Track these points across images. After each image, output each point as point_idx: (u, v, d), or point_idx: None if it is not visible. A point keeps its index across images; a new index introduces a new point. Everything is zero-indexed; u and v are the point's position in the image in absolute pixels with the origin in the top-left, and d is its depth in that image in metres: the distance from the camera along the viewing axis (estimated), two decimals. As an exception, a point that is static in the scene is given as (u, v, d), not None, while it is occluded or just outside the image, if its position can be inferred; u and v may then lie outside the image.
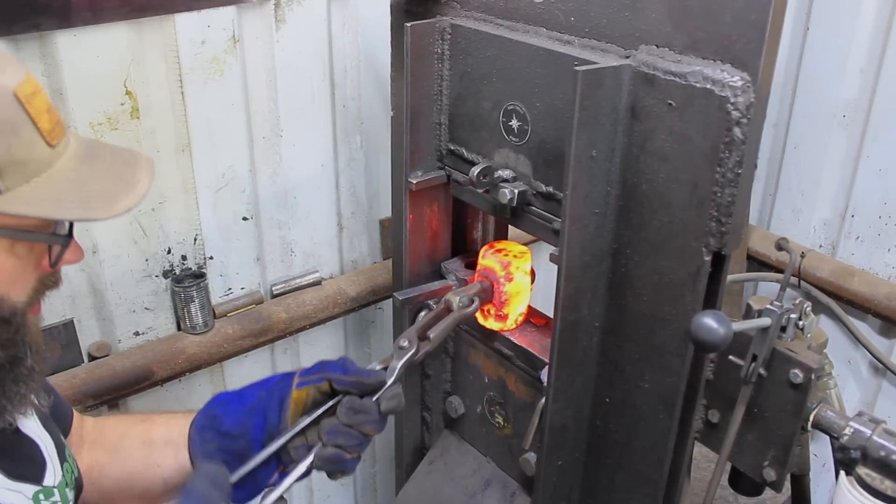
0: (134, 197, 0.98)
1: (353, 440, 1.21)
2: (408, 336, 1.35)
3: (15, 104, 0.91)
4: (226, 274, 2.04)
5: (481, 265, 1.62)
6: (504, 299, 1.59)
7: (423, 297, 1.66)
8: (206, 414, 1.31)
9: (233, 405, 1.30)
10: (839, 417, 1.26)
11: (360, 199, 2.23)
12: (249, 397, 1.30)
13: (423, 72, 1.53)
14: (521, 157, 1.43)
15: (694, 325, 1.11)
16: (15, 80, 0.92)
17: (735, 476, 1.44)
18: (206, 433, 1.29)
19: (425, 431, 1.91)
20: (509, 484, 1.71)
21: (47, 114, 0.95)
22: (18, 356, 1.00)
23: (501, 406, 1.69)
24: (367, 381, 1.24)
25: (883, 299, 2.35)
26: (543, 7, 1.35)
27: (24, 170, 0.91)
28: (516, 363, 1.60)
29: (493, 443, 1.75)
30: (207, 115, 1.85)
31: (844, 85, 2.36)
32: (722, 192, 1.13)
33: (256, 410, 1.27)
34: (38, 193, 0.92)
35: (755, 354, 1.24)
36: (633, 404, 1.37)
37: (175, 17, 1.72)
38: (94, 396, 1.80)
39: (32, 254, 1.00)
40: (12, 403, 1.01)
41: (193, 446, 1.29)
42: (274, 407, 1.26)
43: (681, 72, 1.13)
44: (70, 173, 0.96)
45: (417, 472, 1.86)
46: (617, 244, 1.31)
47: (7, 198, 0.90)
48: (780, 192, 2.67)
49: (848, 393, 2.56)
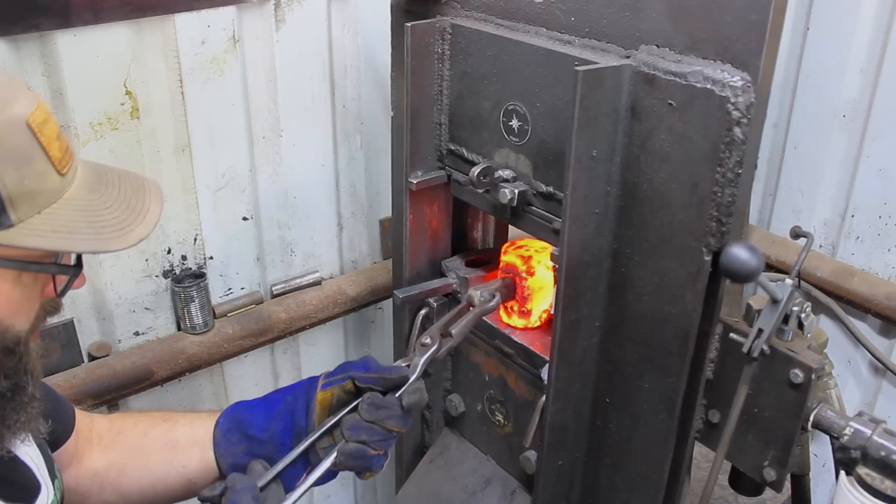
0: (146, 227, 0.98)
1: (376, 436, 1.20)
2: (430, 333, 1.35)
3: (27, 134, 0.89)
4: (226, 274, 2.04)
5: (503, 261, 1.62)
6: (527, 294, 1.58)
7: (424, 295, 1.66)
8: (231, 417, 1.31)
9: (258, 410, 1.30)
10: (839, 417, 1.26)
11: (360, 199, 2.23)
12: (275, 402, 1.30)
13: (423, 72, 1.53)
14: (522, 157, 1.43)
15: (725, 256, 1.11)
16: (27, 109, 0.90)
17: (735, 476, 1.44)
18: (231, 436, 1.29)
19: (425, 430, 1.90)
20: (510, 482, 1.71)
21: (57, 141, 0.93)
22: (20, 384, 0.99)
23: (502, 404, 1.68)
24: (390, 376, 1.24)
25: (883, 299, 2.35)
26: (543, 7, 1.35)
27: (37, 201, 0.90)
28: (517, 361, 1.60)
29: (493, 441, 1.75)
30: (207, 115, 1.85)
31: (844, 85, 2.35)
32: (722, 192, 1.13)
33: (283, 414, 1.28)
34: (49, 225, 0.90)
35: (760, 329, 1.22)
36: (633, 404, 1.37)
37: (175, 17, 1.72)
38: (94, 396, 1.80)
39: (38, 283, 0.99)
40: (12, 432, 1.00)
41: (219, 448, 1.29)
42: (301, 410, 1.27)
43: (681, 72, 1.13)
44: (81, 203, 0.95)
45: (417, 471, 1.86)
46: (617, 244, 1.31)
47: (20, 230, 0.88)
48: (780, 192, 2.67)
49: (848, 393, 2.56)
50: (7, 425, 0.99)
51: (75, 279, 1.01)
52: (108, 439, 1.34)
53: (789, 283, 1.23)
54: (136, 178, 1.04)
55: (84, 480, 1.31)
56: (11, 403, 0.99)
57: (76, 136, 1.66)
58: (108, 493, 1.31)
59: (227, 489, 1.11)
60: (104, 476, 1.31)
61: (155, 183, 1.05)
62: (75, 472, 1.30)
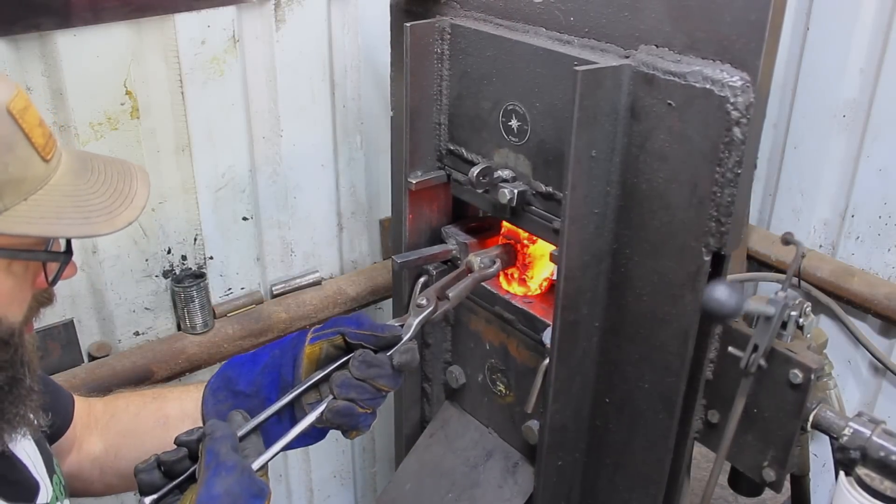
0: (134, 210, 0.97)
1: (366, 394, 1.17)
2: (427, 294, 1.31)
3: (9, 120, 0.88)
4: (226, 274, 2.04)
5: (505, 228, 1.61)
6: (527, 262, 1.57)
7: (423, 261, 1.63)
8: (221, 376, 1.29)
9: (246, 366, 1.28)
10: (839, 418, 1.26)
11: (360, 199, 2.23)
12: (262, 356, 1.28)
13: (422, 72, 1.53)
14: (521, 157, 1.43)
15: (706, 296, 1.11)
16: (6, 96, 0.89)
17: (735, 476, 1.44)
18: (219, 394, 1.27)
19: (425, 403, 1.88)
20: (511, 454, 1.69)
21: (40, 128, 0.93)
22: (17, 377, 0.99)
23: (503, 373, 1.66)
24: (382, 335, 1.21)
25: (883, 299, 2.34)
26: (543, 7, 1.35)
27: (21, 188, 0.89)
28: (518, 327, 1.58)
29: (494, 412, 1.73)
30: (207, 115, 1.85)
31: (844, 85, 2.35)
32: (722, 192, 1.13)
33: (270, 368, 1.25)
34: (37, 211, 0.90)
35: (756, 345, 1.23)
36: (633, 404, 1.37)
37: (175, 17, 1.72)
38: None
39: (28, 272, 0.99)
40: (12, 426, 0.99)
41: (206, 406, 1.27)
42: (288, 364, 1.24)
43: (680, 72, 1.13)
44: (67, 188, 0.94)
45: (418, 445, 1.84)
46: (617, 244, 1.31)
47: (6, 218, 0.88)
48: (780, 192, 2.67)
49: (848, 393, 2.56)
50: (7, 419, 0.98)
51: (66, 267, 1.00)
52: (103, 423, 1.34)
53: (781, 296, 1.23)
54: (123, 164, 1.03)
55: (86, 466, 1.31)
56: (10, 397, 0.98)
57: (76, 136, 1.66)
58: (109, 476, 1.30)
59: (206, 436, 1.04)
60: (103, 460, 1.30)
61: (142, 168, 1.04)
62: (76, 459, 1.30)
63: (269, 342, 2.07)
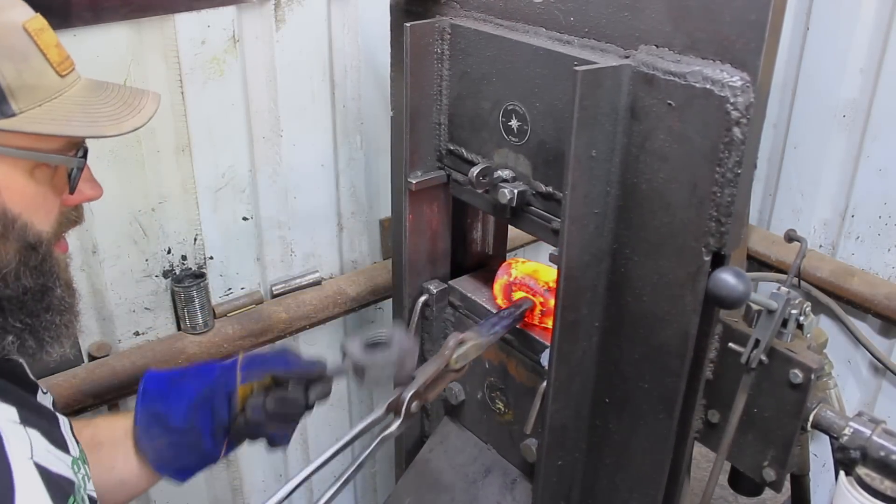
0: (141, 118, 1.02)
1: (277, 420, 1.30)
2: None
3: (24, 36, 0.94)
4: (226, 274, 2.04)
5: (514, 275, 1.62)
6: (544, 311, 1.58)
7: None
8: (149, 412, 1.32)
9: (173, 401, 1.31)
10: (839, 417, 1.26)
11: (360, 199, 2.23)
12: (189, 392, 1.31)
13: (422, 72, 1.53)
14: (521, 157, 1.43)
15: (713, 281, 1.12)
16: (24, 17, 0.96)
17: (735, 476, 1.44)
18: (152, 430, 1.30)
19: (425, 419, 1.90)
20: (510, 471, 1.70)
21: (56, 48, 0.98)
22: (48, 285, 1.01)
23: (502, 392, 1.68)
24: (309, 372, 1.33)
25: (883, 299, 2.35)
26: (543, 7, 1.35)
27: (35, 95, 0.95)
28: (516, 348, 1.59)
29: (493, 430, 1.74)
30: (207, 115, 1.85)
31: (844, 85, 2.36)
32: (722, 192, 1.13)
33: (202, 406, 1.30)
34: (49, 115, 0.96)
35: (757, 339, 1.23)
36: (633, 404, 1.37)
37: (175, 17, 1.72)
38: (94, 396, 1.80)
39: (53, 182, 1.02)
40: (49, 333, 1.02)
41: (141, 444, 1.30)
42: (221, 402, 1.31)
43: (680, 72, 1.13)
44: (79, 99, 1.00)
45: (417, 460, 1.85)
46: (616, 244, 1.31)
47: (20, 119, 0.93)
48: (780, 192, 2.67)
49: (848, 393, 2.57)
50: (44, 326, 1.01)
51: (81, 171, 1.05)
52: None
53: (784, 291, 1.23)
54: (137, 89, 1.09)
55: None
56: (42, 303, 1.01)
57: (76, 136, 1.66)
58: None
59: None
60: None
61: (156, 92, 1.09)
62: None
63: (268, 342, 2.09)
